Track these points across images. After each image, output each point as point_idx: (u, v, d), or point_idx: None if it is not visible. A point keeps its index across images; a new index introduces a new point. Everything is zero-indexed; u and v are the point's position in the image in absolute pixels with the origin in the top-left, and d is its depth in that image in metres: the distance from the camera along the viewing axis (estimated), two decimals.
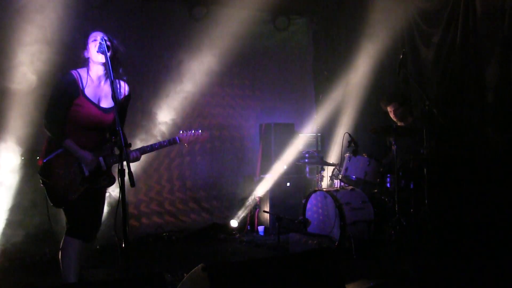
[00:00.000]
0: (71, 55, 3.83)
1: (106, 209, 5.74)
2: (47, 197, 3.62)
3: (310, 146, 7.74)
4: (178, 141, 4.05)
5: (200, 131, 4.15)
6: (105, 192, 3.98)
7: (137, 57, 7.06)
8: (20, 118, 5.80)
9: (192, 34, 7.46)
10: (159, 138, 7.22)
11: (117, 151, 3.79)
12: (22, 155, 5.71)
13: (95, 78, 3.72)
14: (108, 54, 3.42)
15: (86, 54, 3.71)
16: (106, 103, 3.75)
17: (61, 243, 3.72)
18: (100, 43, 3.49)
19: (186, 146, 4.14)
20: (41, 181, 3.62)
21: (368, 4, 7.16)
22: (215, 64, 7.55)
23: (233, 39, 7.51)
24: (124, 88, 3.86)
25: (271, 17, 8.14)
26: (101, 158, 3.71)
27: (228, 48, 7.53)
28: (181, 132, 4.10)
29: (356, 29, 7.52)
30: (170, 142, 4.00)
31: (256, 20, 7.97)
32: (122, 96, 3.80)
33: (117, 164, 3.18)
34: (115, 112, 3.28)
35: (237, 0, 7.48)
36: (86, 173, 3.65)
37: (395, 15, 6.86)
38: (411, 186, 5.66)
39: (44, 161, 3.60)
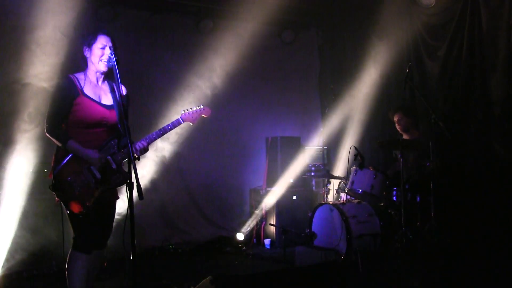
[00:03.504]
0: (81, 69, 3.81)
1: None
2: (65, 208, 3.51)
3: (316, 159, 7.74)
4: (182, 121, 4.00)
5: (201, 106, 4.11)
6: (115, 201, 3.86)
7: (144, 69, 7.12)
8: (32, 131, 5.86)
9: (199, 47, 7.53)
10: (164, 153, 7.25)
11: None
12: (32, 168, 5.73)
13: (93, 79, 3.72)
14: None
15: (86, 53, 3.69)
16: (107, 100, 3.73)
17: (68, 257, 3.65)
18: (109, 57, 3.51)
19: (192, 125, 4.07)
20: (55, 194, 3.54)
21: (374, 18, 7.22)
22: (221, 77, 7.60)
23: (240, 52, 7.56)
24: (121, 88, 3.82)
25: (278, 30, 8.20)
26: (109, 157, 3.63)
27: (234, 61, 7.58)
28: (183, 111, 4.04)
29: (362, 43, 7.58)
30: (174, 124, 3.92)
31: (262, 33, 8.04)
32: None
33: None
34: (120, 119, 3.28)
35: (243, 14, 7.56)
36: (98, 176, 3.57)
37: (400, 29, 6.91)
38: (418, 199, 5.66)
39: (54, 173, 3.54)
